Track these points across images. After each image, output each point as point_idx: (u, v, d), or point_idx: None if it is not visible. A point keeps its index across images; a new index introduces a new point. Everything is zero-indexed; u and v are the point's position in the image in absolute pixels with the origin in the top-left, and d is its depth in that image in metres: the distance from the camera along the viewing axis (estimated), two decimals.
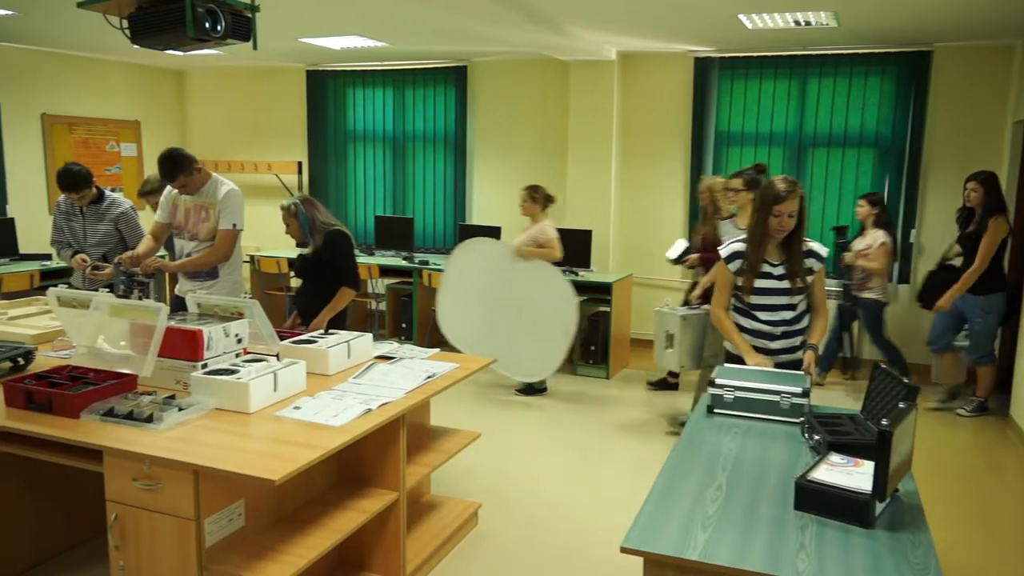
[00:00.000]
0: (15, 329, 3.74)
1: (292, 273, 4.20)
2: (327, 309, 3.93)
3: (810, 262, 3.07)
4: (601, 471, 4.38)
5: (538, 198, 5.57)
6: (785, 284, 3.06)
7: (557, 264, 5.51)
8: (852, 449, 2.24)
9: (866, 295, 5.72)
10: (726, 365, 3.04)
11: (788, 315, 3.09)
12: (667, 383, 6.04)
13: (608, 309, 6.30)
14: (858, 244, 5.74)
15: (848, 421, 2.53)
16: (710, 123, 6.77)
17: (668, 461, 2.32)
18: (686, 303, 5.21)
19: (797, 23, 5.32)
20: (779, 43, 6.22)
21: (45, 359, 3.34)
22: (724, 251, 3.16)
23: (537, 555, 3.43)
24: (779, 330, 3.09)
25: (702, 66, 6.67)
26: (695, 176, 6.81)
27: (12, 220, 6.66)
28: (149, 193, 4.78)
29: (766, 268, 3.07)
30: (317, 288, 3.98)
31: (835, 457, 2.18)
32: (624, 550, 1.81)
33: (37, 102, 7.28)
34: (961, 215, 5.41)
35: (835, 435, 2.37)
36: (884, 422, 1.89)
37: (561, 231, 6.80)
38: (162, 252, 4.94)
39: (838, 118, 6.37)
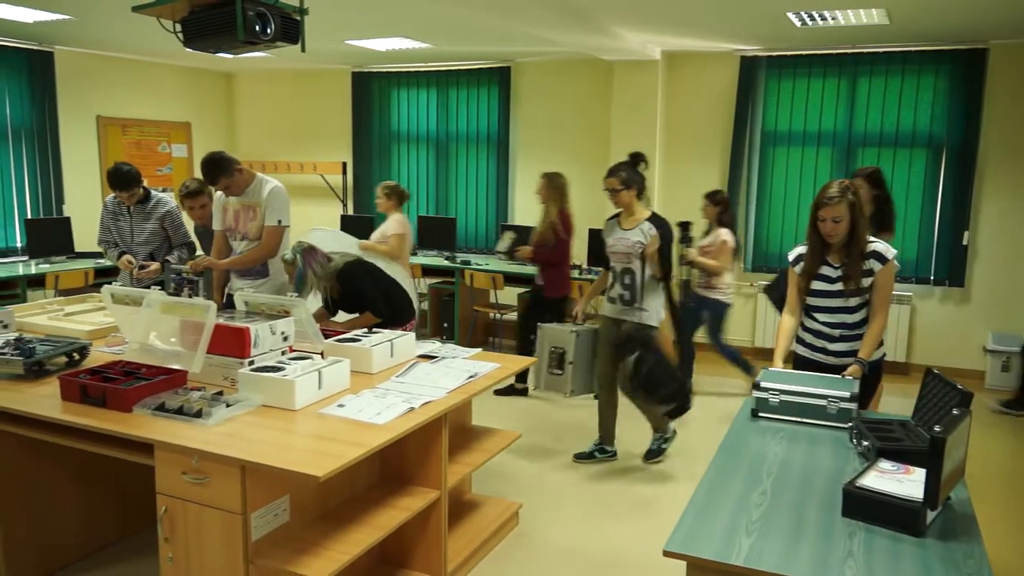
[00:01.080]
0: (71, 325, 3.85)
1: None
2: (349, 324, 3.96)
3: (871, 263, 3.01)
4: (640, 472, 4.34)
5: (392, 195, 5.62)
6: (840, 286, 3.03)
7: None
8: (903, 455, 2.19)
9: (712, 295, 5.48)
10: (771, 369, 2.99)
11: (846, 318, 3.06)
12: (515, 389, 5.70)
13: None
14: (704, 242, 5.56)
15: (899, 427, 2.47)
16: (756, 123, 6.68)
17: (711, 464, 2.29)
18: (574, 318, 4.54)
19: (848, 21, 5.21)
20: (828, 41, 6.11)
21: (99, 354, 3.43)
22: (791, 254, 3.20)
23: (578, 556, 3.42)
24: (837, 332, 3.07)
25: (749, 65, 6.58)
26: (736, 176, 6.73)
27: (68, 219, 6.87)
28: (190, 195, 4.85)
29: (825, 271, 3.07)
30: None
31: (885, 463, 2.14)
32: (667, 553, 1.79)
33: (92, 104, 7.50)
34: None
35: (885, 441, 2.31)
36: (937, 428, 1.84)
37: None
38: (198, 252, 5.06)
39: (889, 117, 6.23)
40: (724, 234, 5.40)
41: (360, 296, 3.96)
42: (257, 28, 3.09)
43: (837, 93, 6.37)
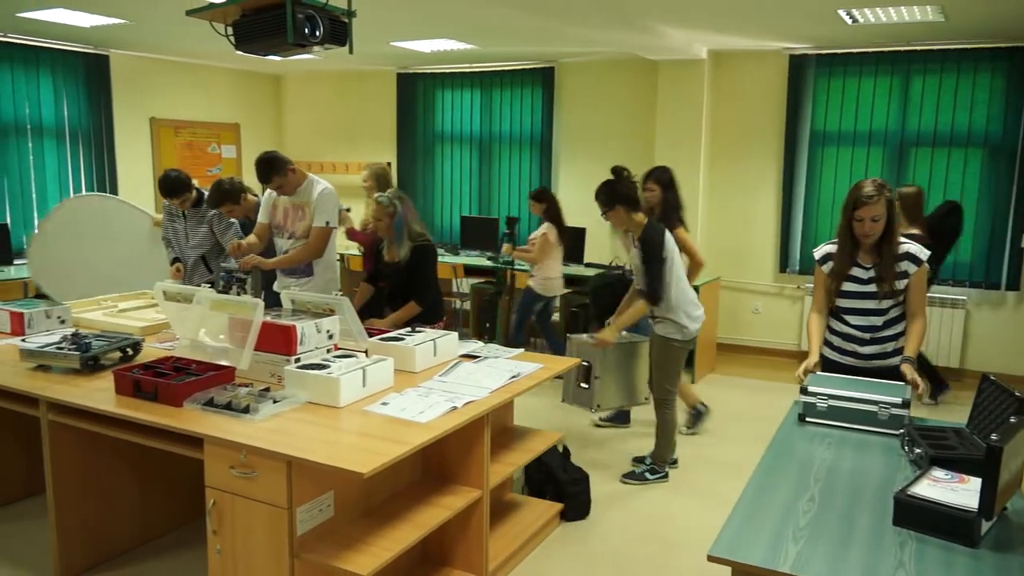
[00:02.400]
0: (125, 321, 3.96)
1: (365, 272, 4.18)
2: (391, 320, 3.98)
3: (904, 265, 2.93)
4: (687, 476, 4.30)
5: (372, 178, 5.63)
6: (872, 288, 2.95)
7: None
8: (957, 464, 2.13)
9: (529, 283, 5.89)
10: (820, 373, 2.94)
11: (877, 320, 2.98)
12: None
13: None
14: (531, 235, 5.96)
15: (952, 435, 2.40)
16: (805, 122, 6.56)
17: (757, 469, 2.26)
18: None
19: (900, 18, 5.09)
20: (880, 39, 5.97)
21: (151, 350, 3.52)
22: (818, 252, 3.10)
23: (619, 558, 3.40)
24: (868, 335, 3.00)
25: (798, 63, 6.47)
26: (788, 177, 6.62)
27: None
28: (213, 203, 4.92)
29: (856, 272, 2.98)
30: (401, 301, 4.03)
31: (938, 472, 2.08)
32: (711, 558, 1.77)
33: (146, 106, 7.70)
34: None
35: (938, 449, 2.25)
36: (994, 437, 1.78)
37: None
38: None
39: (943, 116, 6.07)
40: (545, 228, 5.82)
41: (421, 275, 3.98)
42: (306, 31, 3.14)
43: (889, 92, 6.22)
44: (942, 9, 4.84)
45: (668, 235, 3.99)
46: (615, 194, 3.93)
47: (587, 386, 4.18)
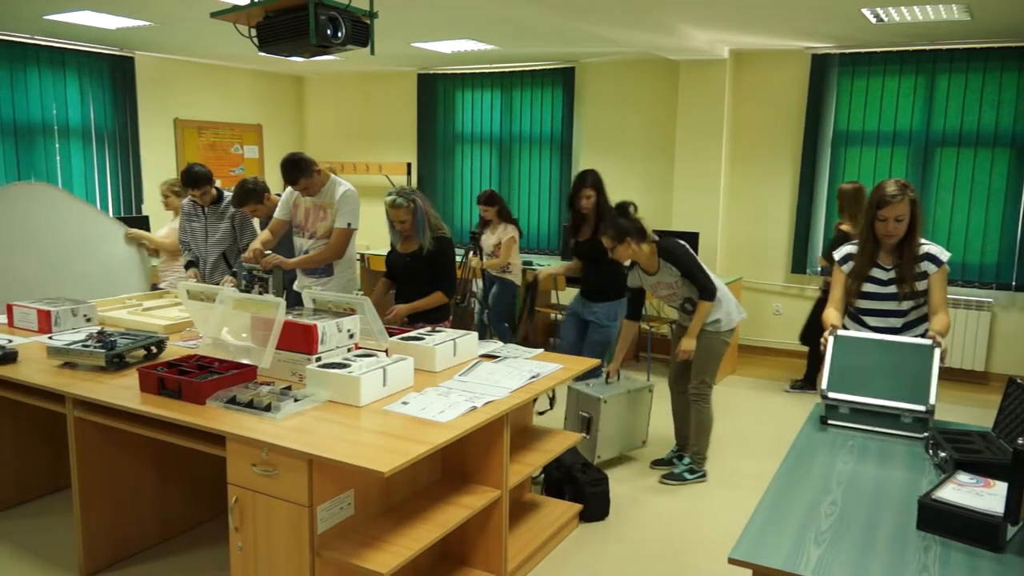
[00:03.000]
0: (149, 320, 4.01)
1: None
2: (415, 304, 3.97)
3: (925, 266, 2.90)
4: (708, 478, 4.27)
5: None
6: (892, 290, 2.92)
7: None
8: (983, 468, 2.10)
9: (504, 276, 6.19)
10: (842, 333, 2.77)
11: (896, 322, 2.96)
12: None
13: None
14: (489, 240, 6.18)
15: (978, 438, 2.37)
16: (827, 122, 6.50)
17: (778, 472, 2.24)
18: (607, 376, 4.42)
19: (926, 16, 5.03)
20: (905, 37, 5.90)
21: (175, 348, 3.56)
22: (838, 253, 3.08)
23: (639, 560, 3.39)
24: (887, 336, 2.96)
25: (820, 63, 6.42)
26: (808, 177, 6.56)
27: (147, 218, 7.14)
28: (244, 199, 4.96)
29: (876, 272, 2.95)
30: (412, 289, 4.03)
31: (963, 476, 2.05)
32: (732, 561, 1.76)
33: (170, 107, 7.79)
34: None
35: (963, 453, 2.23)
36: (1021, 441, 1.76)
37: (667, 233, 6.72)
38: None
39: (970, 116, 5.99)
40: (510, 230, 6.15)
41: (446, 266, 3.99)
42: (329, 32, 3.16)
43: (914, 91, 6.15)
44: (968, 8, 4.78)
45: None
46: (624, 229, 3.95)
47: (587, 436, 4.17)
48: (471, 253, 5.97)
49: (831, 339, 2.73)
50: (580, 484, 3.77)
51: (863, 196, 5.40)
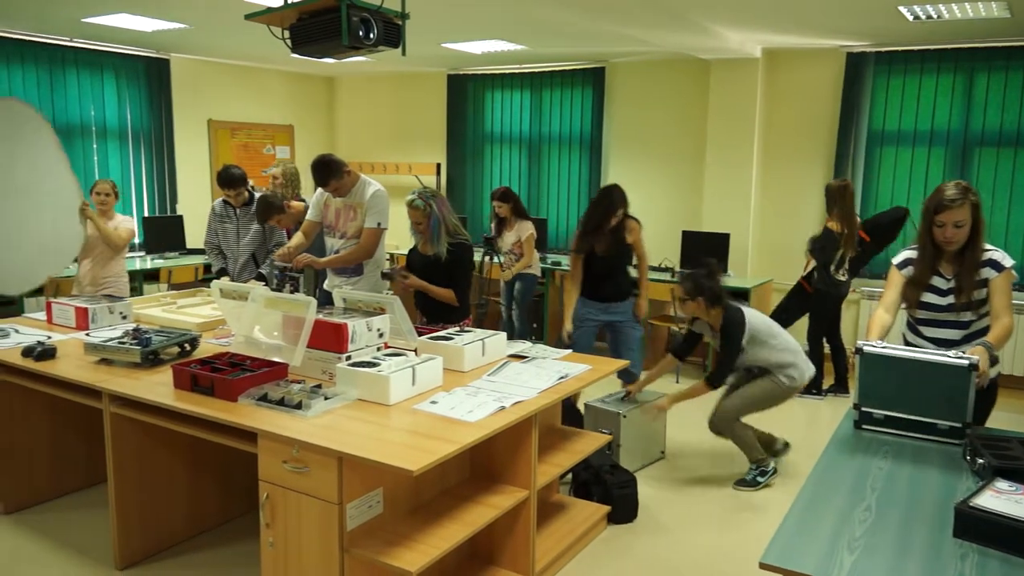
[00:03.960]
0: (183, 317, 4.07)
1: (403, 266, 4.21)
2: (427, 286, 3.96)
3: (986, 272, 2.75)
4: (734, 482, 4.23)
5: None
6: (950, 300, 2.79)
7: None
8: (1022, 475, 2.06)
9: (525, 271, 6.25)
10: (872, 347, 2.68)
11: (955, 334, 2.83)
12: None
13: None
14: (508, 239, 6.17)
15: (1017, 445, 2.32)
16: (862, 122, 6.41)
17: (811, 476, 2.21)
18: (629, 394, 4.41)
19: (964, 14, 4.93)
20: (943, 36, 5.79)
21: (208, 346, 3.61)
22: (897, 257, 2.95)
23: (668, 563, 3.36)
24: (945, 350, 2.85)
25: (855, 61, 6.32)
26: (840, 178, 6.47)
27: (181, 217, 7.26)
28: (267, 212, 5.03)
29: (936, 281, 2.82)
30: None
31: (1002, 483, 2.01)
32: (763, 566, 1.74)
33: (204, 108, 7.90)
34: None
35: (1002, 459, 2.18)
36: None
37: (697, 234, 6.69)
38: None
39: (1009, 116, 5.86)
40: (528, 227, 6.16)
41: (460, 272, 3.99)
42: (361, 33, 3.18)
43: (952, 91, 6.04)
44: (1008, 5, 4.68)
45: (748, 318, 4.03)
46: (700, 286, 3.99)
47: (608, 452, 4.14)
48: (489, 259, 5.94)
49: (857, 358, 2.58)
50: (608, 486, 3.75)
51: (849, 193, 5.52)
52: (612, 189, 4.50)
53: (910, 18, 5.11)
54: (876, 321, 2.85)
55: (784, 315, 5.80)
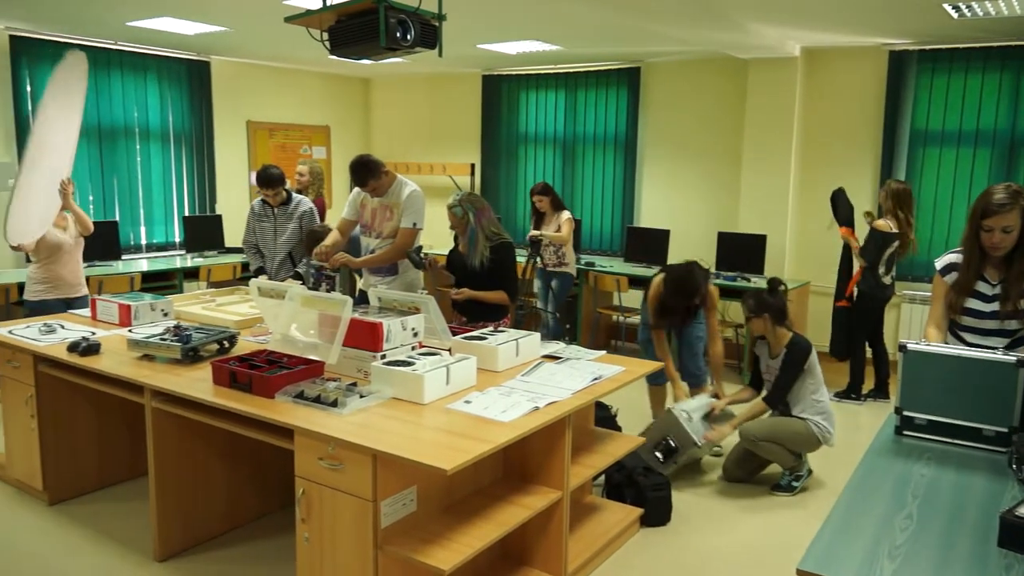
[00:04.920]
0: (222, 315, 4.14)
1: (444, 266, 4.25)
2: (478, 294, 3.99)
3: None
4: (770, 487, 4.18)
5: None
6: (995, 307, 2.71)
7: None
8: None
9: (561, 270, 6.31)
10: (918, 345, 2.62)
11: (998, 342, 2.74)
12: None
13: None
14: (549, 229, 6.27)
15: None
16: (905, 122, 6.28)
17: (850, 482, 2.17)
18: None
19: (1012, 11, 4.81)
20: (988, 33, 5.66)
21: (246, 343, 3.66)
22: (940, 262, 2.86)
23: (701, 568, 3.33)
24: None
25: (898, 60, 6.21)
26: (884, 179, 6.35)
27: (220, 216, 7.38)
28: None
29: (981, 287, 2.73)
30: (472, 287, 4.04)
31: None
32: (801, 573, 1.71)
33: (243, 110, 8.02)
34: None
35: None
36: None
37: (733, 236, 6.62)
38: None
39: None
40: (566, 213, 6.26)
41: (503, 273, 4.01)
42: (398, 35, 3.20)
43: (999, 89, 5.89)
44: None
45: (813, 352, 4.09)
46: (764, 303, 4.06)
47: (664, 462, 4.10)
48: (532, 262, 5.94)
49: (901, 355, 2.54)
50: (642, 488, 3.73)
51: (911, 196, 5.44)
52: (694, 269, 4.40)
53: (954, 15, 5.00)
54: (929, 339, 2.79)
55: (847, 334, 5.70)
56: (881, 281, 5.49)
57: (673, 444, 4.09)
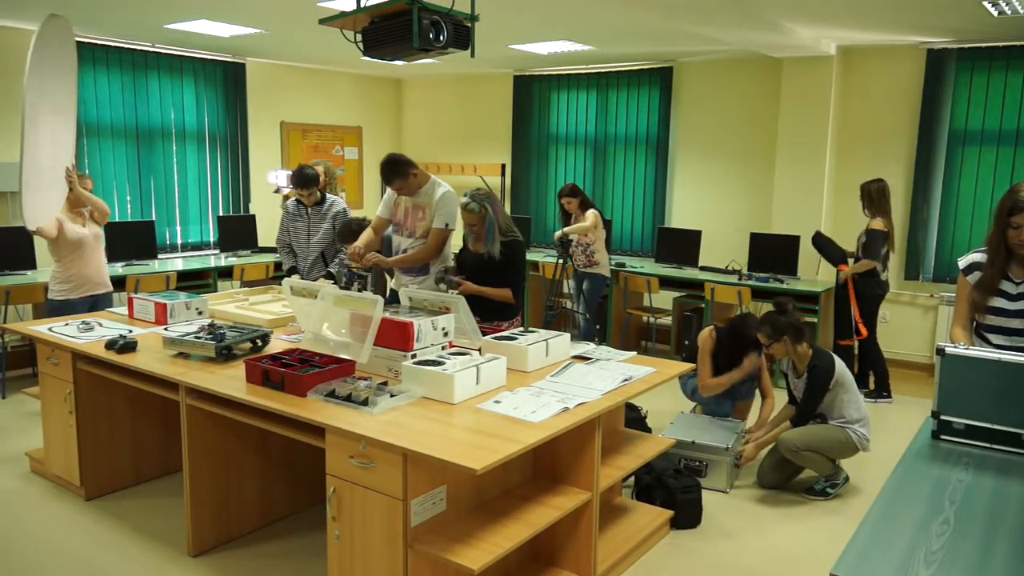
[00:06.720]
0: (255, 314, 4.19)
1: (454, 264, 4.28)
2: (482, 289, 3.99)
3: None
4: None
5: None
6: (1019, 305, 2.68)
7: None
8: None
9: (592, 271, 6.29)
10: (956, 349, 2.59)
11: (1023, 342, 2.70)
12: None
13: (814, 320, 5.93)
14: (576, 227, 6.22)
15: None
16: (943, 121, 6.16)
17: (886, 486, 2.14)
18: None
19: None
20: None
21: (278, 342, 3.71)
22: (963, 261, 2.85)
23: (732, 570, 3.30)
24: None
25: (936, 58, 6.09)
26: (923, 179, 6.24)
27: (253, 216, 7.48)
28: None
29: (1005, 286, 2.71)
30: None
31: None
32: None
33: (277, 110, 8.12)
34: None
35: None
36: None
37: (766, 236, 6.55)
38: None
39: None
40: (592, 212, 6.19)
41: (515, 269, 4.02)
42: (431, 36, 3.22)
43: None
44: None
45: (839, 365, 4.05)
46: (780, 326, 4.04)
47: (728, 474, 4.13)
48: (562, 263, 5.97)
49: (938, 359, 2.50)
50: (671, 490, 3.70)
51: (888, 192, 5.61)
52: (748, 319, 4.45)
53: (994, 13, 4.89)
54: (955, 340, 2.77)
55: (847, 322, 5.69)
56: (881, 279, 5.59)
57: (703, 463, 4.14)
